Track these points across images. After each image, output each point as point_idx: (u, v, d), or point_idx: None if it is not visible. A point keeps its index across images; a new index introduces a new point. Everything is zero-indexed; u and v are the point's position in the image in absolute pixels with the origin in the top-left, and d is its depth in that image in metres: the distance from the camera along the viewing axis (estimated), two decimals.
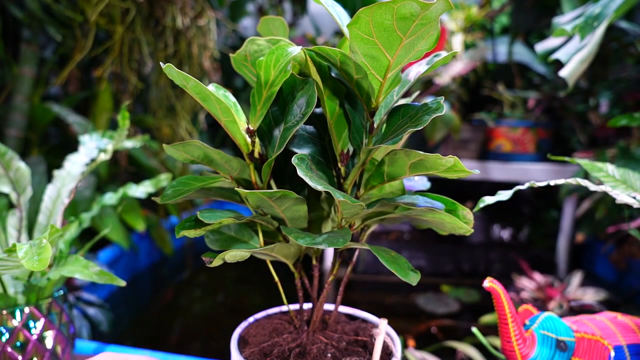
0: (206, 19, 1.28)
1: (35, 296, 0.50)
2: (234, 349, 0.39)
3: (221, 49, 1.50)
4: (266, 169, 0.36)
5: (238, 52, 0.39)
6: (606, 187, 0.44)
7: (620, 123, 0.72)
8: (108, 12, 1.16)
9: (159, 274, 1.68)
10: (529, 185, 0.45)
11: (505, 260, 1.70)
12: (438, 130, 1.47)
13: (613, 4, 0.69)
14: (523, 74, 1.75)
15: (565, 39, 0.93)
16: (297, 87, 0.35)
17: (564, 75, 0.73)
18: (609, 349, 0.41)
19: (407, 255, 1.69)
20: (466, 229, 0.35)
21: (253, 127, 0.36)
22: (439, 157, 0.31)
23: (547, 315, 0.45)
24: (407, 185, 0.44)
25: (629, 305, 1.28)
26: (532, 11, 1.47)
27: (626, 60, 1.35)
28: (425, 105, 0.34)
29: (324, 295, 0.41)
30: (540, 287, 1.16)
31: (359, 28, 0.30)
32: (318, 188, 0.31)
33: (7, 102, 1.27)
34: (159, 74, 1.36)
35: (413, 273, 0.34)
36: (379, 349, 0.38)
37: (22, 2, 1.22)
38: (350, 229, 0.39)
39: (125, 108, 0.55)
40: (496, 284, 0.43)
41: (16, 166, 0.54)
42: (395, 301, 1.46)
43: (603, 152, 1.21)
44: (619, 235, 1.40)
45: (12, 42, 1.32)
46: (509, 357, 0.43)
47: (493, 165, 1.53)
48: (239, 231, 0.42)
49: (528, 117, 1.55)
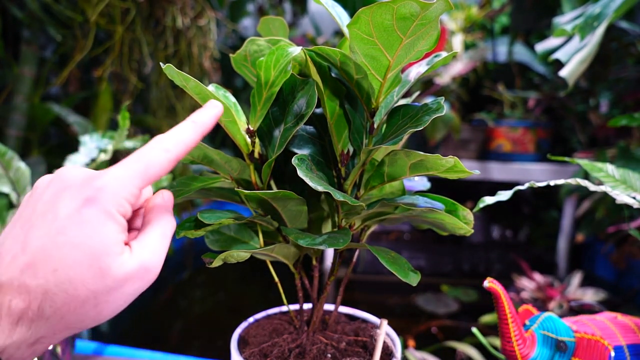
0: (206, 19, 1.28)
1: None
2: (233, 349, 0.39)
3: (221, 49, 1.50)
4: (266, 170, 0.36)
5: (238, 52, 0.39)
6: (606, 187, 0.44)
7: (620, 123, 0.72)
8: (108, 12, 1.16)
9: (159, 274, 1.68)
10: (529, 185, 0.45)
11: (505, 260, 1.70)
12: (438, 130, 1.47)
13: (613, 4, 0.69)
14: (523, 74, 1.75)
15: (565, 39, 0.93)
16: (297, 87, 0.35)
17: (564, 75, 0.73)
18: (609, 349, 0.41)
19: (407, 255, 1.69)
20: (466, 229, 0.35)
21: (253, 127, 0.36)
22: (439, 157, 0.31)
23: (547, 315, 0.45)
24: (407, 186, 0.44)
25: (629, 305, 1.28)
26: (532, 11, 1.47)
27: (626, 60, 1.35)
28: (426, 105, 0.34)
29: (324, 296, 0.41)
30: (540, 287, 1.16)
31: (359, 28, 0.30)
32: (318, 189, 0.31)
33: (7, 102, 1.27)
34: (159, 74, 1.36)
35: (413, 273, 0.34)
36: (379, 349, 0.38)
37: (22, 2, 1.22)
38: (350, 229, 0.39)
39: (125, 108, 0.55)
40: (496, 284, 0.43)
41: (16, 166, 0.54)
42: (395, 301, 1.46)
43: (603, 152, 1.21)
44: (619, 235, 1.40)
45: (12, 42, 1.32)
46: (509, 357, 0.43)
47: (493, 165, 1.53)
48: (239, 231, 0.42)
49: (528, 117, 1.55)
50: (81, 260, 0.24)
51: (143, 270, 0.26)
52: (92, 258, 0.24)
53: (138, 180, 0.26)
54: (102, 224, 0.24)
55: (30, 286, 0.23)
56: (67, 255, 0.24)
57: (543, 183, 0.46)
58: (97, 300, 0.24)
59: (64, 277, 0.24)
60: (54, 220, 0.24)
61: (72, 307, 0.24)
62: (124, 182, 0.25)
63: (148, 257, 0.26)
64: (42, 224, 0.24)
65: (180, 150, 0.27)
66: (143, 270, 0.26)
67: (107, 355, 0.60)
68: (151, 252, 0.27)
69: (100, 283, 0.24)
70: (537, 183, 0.45)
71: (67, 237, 0.24)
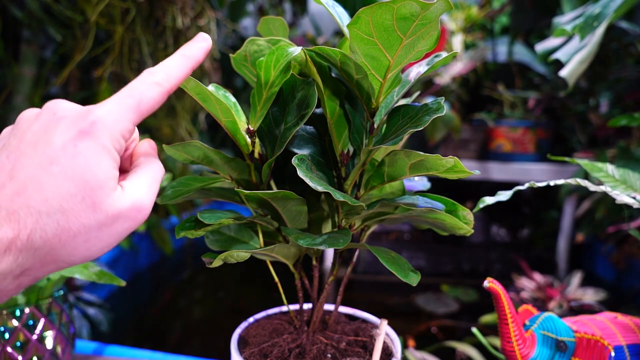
0: (206, 19, 1.28)
1: (35, 296, 0.50)
2: (233, 349, 0.39)
3: (221, 49, 1.50)
4: (266, 170, 0.36)
5: (238, 52, 0.39)
6: (606, 187, 0.44)
7: (620, 123, 0.72)
8: (108, 12, 1.16)
9: (159, 274, 1.68)
10: (529, 185, 0.45)
11: (505, 260, 1.70)
12: (438, 130, 1.47)
13: (613, 4, 0.69)
14: (523, 74, 1.75)
15: (565, 39, 0.93)
16: (297, 87, 0.35)
17: (564, 75, 0.73)
18: (609, 349, 0.41)
19: (407, 255, 1.69)
20: (466, 229, 0.35)
21: (253, 127, 0.36)
22: (439, 157, 0.31)
23: (547, 315, 0.45)
24: (408, 186, 0.43)
25: (629, 305, 1.28)
26: (532, 11, 1.47)
27: (626, 60, 1.35)
28: (426, 105, 0.34)
29: (324, 296, 0.41)
30: (540, 287, 1.16)
31: (359, 28, 0.30)
32: (318, 189, 0.31)
33: (7, 102, 1.27)
34: None
35: (413, 274, 0.34)
36: (379, 349, 0.38)
37: (22, 2, 1.22)
38: (350, 229, 0.39)
39: None
40: (496, 284, 0.43)
41: None
42: (395, 301, 1.46)
43: (603, 152, 1.21)
44: (619, 235, 1.41)
45: (12, 42, 1.32)
46: (509, 357, 0.43)
47: (493, 165, 1.53)
48: (239, 232, 0.42)
49: (528, 117, 1.55)
50: (74, 192, 0.23)
51: (135, 209, 0.26)
52: (86, 191, 0.23)
53: (132, 115, 0.26)
54: (97, 158, 0.24)
55: (20, 215, 0.23)
56: (60, 186, 0.23)
57: (543, 183, 0.45)
58: (88, 235, 0.24)
59: (56, 207, 0.23)
60: (45, 149, 0.24)
61: (62, 239, 0.24)
62: (118, 117, 0.25)
63: (140, 196, 0.26)
64: (33, 153, 0.24)
65: (171, 83, 0.27)
66: (135, 209, 0.26)
67: (107, 355, 0.60)
68: (143, 192, 0.26)
69: (92, 217, 0.24)
70: (537, 183, 0.45)
71: (60, 168, 0.23)
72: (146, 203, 0.26)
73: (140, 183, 0.27)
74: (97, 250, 0.25)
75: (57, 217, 0.23)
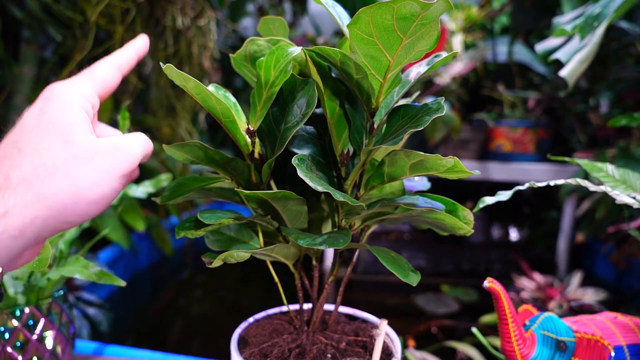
0: (206, 19, 1.28)
1: (35, 296, 0.49)
2: (233, 349, 0.39)
3: (221, 49, 1.50)
4: (266, 170, 0.36)
5: (238, 52, 0.39)
6: (606, 187, 0.44)
7: (620, 123, 0.72)
8: (108, 12, 1.16)
9: (159, 274, 1.68)
10: (529, 185, 0.45)
11: (505, 260, 1.70)
12: (438, 130, 1.47)
13: (613, 4, 0.69)
14: (523, 74, 1.75)
15: (565, 39, 0.93)
16: (297, 87, 0.35)
17: (564, 75, 0.73)
18: (609, 349, 0.41)
19: (407, 255, 1.69)
20: (466, 229, 0.35)
21: (253, 127, 0.36)
22: (439, 157, 0.31)
23: (547, 315, 0.45)
24: (408, 186, 0.43)
25: (629, 305, 1.28)
26: (532, 11, 1.47)
27: (626, 60, 1.35)
28: (426, 105, 0.33)
29: (324, 296, 0.41)
30: (540, 287, 1.16)
31: (359, 28, 0.30)
32: (318, 189, 0.31)
33: (7, 102, 1.27)
34: (159, 74, 1.36)
35: (413, 274, 0.34)
36: (379, 349, 0.38)
37: (22, 2, 1.22)
38: (350, 229, 0.39)
39: (125, 108, 0.55)
40: (496, 284, 0.43)
41: None
42: (395, 301, 1.46)
43: (603, 152, 1.21)
44: (619, 235, 1.41)
45: (12, 42, 1.32)
46: (509, 357, 0.43)
47: (493, 166, 1.53)
48: (239, 232, 0.42)
49: (528, 117, 1.55)
50: (46, 127, 0.26)
51: (113, 146, 0.28)
52: (60, 128, 0.26)
53: (87, 79, 0.31)
54: (62, 110, 0.27)
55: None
56: (32, 128, 0.26)
57: (543, 183, 0.45)
58: (66, 169, 0.25)
59: (25, 142, 0.25)
60: (21, 127, 0.27)
61: (41, 175, 0.25)
62: (73, 82, 0.30)
63: (120, 139, 0.28)
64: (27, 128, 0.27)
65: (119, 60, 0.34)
66: (113, 146, 0.28)
67: (107, 355, 0.60)
68: (123, 137, 0.29)
69: (67, 151, 0.26)
70: (537, 183, 0.45)
71: (33, 123, 0.27)
72: (127, 143, 0.28)
73: (120, 134, 0.31)
74: (86, 187, 0.26)
75: (33, 158, 0.25)
